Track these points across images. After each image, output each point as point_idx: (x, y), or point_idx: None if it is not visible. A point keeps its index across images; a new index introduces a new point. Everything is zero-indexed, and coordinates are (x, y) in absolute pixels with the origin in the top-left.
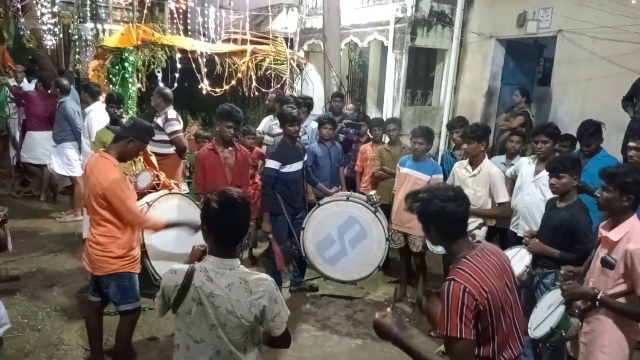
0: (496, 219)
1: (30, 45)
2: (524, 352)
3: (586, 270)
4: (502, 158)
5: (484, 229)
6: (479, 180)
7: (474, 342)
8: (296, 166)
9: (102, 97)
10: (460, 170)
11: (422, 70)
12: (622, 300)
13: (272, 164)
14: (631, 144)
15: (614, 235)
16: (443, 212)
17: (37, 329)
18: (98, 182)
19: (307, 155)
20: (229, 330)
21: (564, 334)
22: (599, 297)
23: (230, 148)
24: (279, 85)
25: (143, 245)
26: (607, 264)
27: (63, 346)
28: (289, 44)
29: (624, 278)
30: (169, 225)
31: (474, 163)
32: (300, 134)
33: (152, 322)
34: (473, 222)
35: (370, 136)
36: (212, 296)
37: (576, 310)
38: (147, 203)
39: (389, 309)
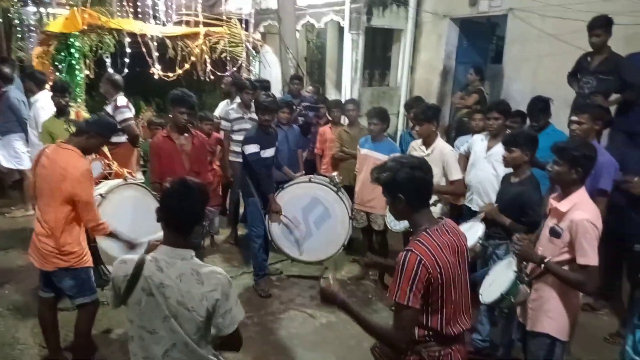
0: (463, 197)
1: None
2: (480, 320)
3: (537, 239)
4: (468, 137)
5: (439, 205)
6: (432, 159)
7: (419, 311)
8: (269, 152)
9: (49, 86)
10: (415, 149)
11: (379, 51)
12: (565, 268)
13: (252, 148)
14: (573, 118)
15: (562, 206)
16: (412, 178)
17: None
18: (67, 173)
19: None
20: (181, 323)
21: (513, 300)
22: (545, 261)
23: (186, 134)
24: (235, 69)
25: (93, 240)
26: (554, 233)
27: (19, 345)
28: (244, 26)
29: (568, 247)
30: (112, 235)
31: (427, 143)
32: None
33: (112, 316)
34: None
35: (329, 118)
36: (163, 287)
37: (525, 278)
38: (101, 195)
39: (330, 276)
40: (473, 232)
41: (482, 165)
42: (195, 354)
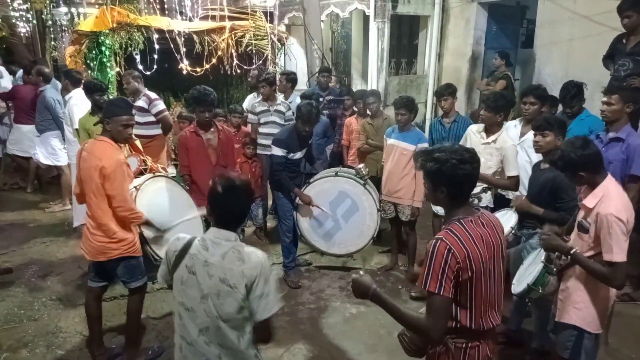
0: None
1: (3, 34)
2: (511, 310)
3: (571, 229)
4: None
5: (489, 193)
6: (491, 150)
7: (451, 301)
8: (300, 154)
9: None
10: (475, 134)
11: (405, 39)
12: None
13: (278, 151)
14: (603, 99)
15: (589, 202)
16: (459, 173)
17: (34, 319)
18: (101, 163)
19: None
20: (222, 300)
21: (541, 291)
22: (572, 251)
23: (212, 129)
24: (260, 62)
25: (139, 228)
26: (582, 228)
27: (61, 334)
28: (268, 18)
29: (597, 242)
30: (147, 223)
31: (490, 132)
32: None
33: (148, 305)
34: (478, 186)
35: (355, 109)
36: (207, 265)
37: (554, 269)
38: (135, 187)
39: (361, 272)
40: (506, 221)
41: None
42: (227, 339)
